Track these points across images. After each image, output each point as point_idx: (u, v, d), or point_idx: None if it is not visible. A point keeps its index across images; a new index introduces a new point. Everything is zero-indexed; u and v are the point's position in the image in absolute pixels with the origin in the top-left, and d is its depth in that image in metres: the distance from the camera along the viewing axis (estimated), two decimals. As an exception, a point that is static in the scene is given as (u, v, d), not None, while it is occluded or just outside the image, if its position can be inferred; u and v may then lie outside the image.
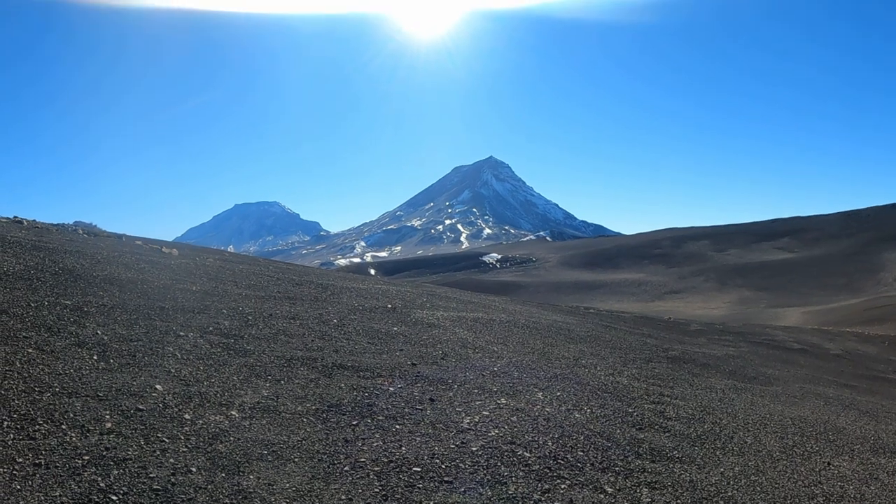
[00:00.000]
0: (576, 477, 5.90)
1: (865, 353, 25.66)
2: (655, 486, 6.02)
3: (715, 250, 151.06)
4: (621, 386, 9.98)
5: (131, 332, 8.32)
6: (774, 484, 6.68)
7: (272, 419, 6.28)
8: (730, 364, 15.14)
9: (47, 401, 5.76)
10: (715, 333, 24.57)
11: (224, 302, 11.31)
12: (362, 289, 16.62)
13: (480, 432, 6.71)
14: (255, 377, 7.47)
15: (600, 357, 12.41)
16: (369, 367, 8.60)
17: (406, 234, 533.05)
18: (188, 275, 13.63)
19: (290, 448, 5.67)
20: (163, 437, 5.47)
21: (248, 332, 9.42)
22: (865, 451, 8.75)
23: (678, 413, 8.84)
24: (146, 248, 17.17)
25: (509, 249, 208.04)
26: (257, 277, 15.24)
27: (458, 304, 16.98)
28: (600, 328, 17.96)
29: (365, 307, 13.33)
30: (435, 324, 12.73)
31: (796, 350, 22.81)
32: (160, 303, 10.22)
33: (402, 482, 5.32)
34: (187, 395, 6.49)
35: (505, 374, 9.40)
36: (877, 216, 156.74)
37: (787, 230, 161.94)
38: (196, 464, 5.11)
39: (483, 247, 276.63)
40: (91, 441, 5.19)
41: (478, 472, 5.68)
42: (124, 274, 11.98)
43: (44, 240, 14.23)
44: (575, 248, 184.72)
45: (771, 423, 9.35)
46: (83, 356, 7.09)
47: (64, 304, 8.94)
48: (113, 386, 6.36)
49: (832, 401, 12.36)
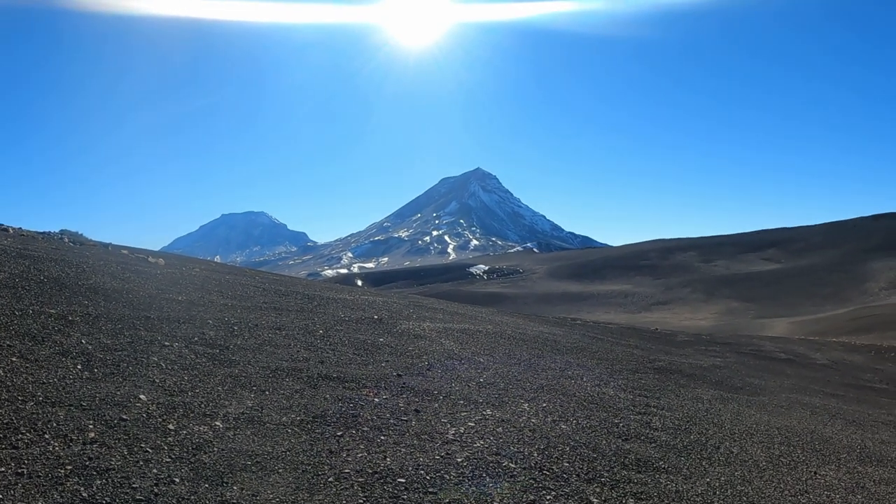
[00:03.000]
0: (561, 488, 5.89)
1: (852, 362, 25.74)
2: (641, 496, 6.01)
3: (702, 261, 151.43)
4: (607, 397, 9.99)
5: (116, 341, 8.29)
6: (761, 494, 6.68)
7: (256, 430, 6.25)
8: (716, 374, 15.17)
9: (30, 410, 5.72)
10: (702, 344, 24.64)
11: (210, 312, 11.28)
12: (349, 300, 16.60)
13: (466, 443, 6.69)
14: (240, 388, 7.44)
15: (586, 368, 12.42)
16: (355, 378, 8.58)
17: (393, 245, 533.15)
18: (174, 285, 13.58)
19: (274, 459, 5.64)
20: (146, 447, 5.44)
21: (234, 343, 9.39)
22: (852, 460, 8.78)
23: (664, 424, 8.84)
24: (132, 258, 17.11)
25: (496, 261, 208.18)
26: (243, 288, 15.20)
27: (444, 315, 16.97)
28: (587, 339, 17.98)
29: (351, 318, 13.31)
30: (421, 335, 12.72)
31: (783, 360, 22.87)
32: (145, 312, 10.18)
33: (387, 493, 5.30)
34: (171, 406, 6.46)
35: (491, 386, 9.39)
36: (862, 226, 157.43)
37: (774, 241, 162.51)
38: (180, 474, 5.07)
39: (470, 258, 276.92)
40: (74, 451, 5.16)
41: (463, 483, 5.66)
42: (110, 283, 11.94)
43: (29, 248, 14.17)
44: (562, 259, 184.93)
45: (757, 433, 9.37)
46: (67, 365, 7.05)
47: (48, 313, 8.90)
48: (97, 395, 6.33)
49: (819, 410, 12.39)
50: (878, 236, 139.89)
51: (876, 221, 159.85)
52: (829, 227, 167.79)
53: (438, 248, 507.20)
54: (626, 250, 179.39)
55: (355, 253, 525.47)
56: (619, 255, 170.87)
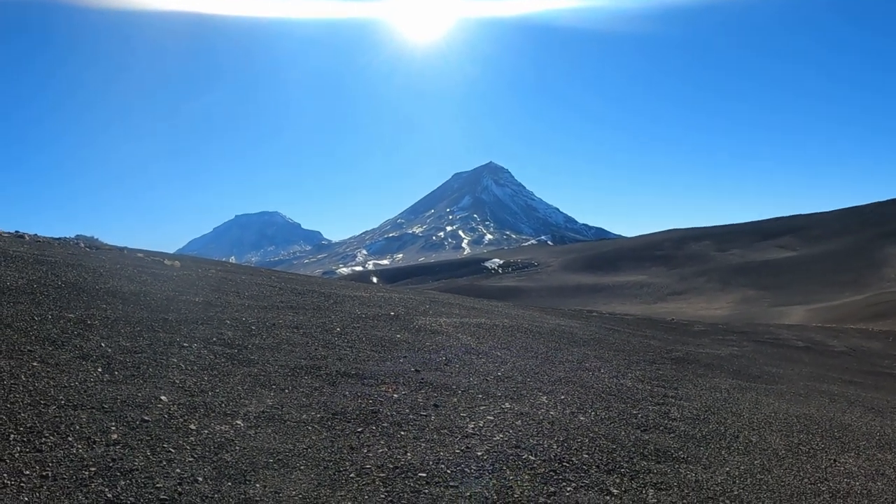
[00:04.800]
0: (581, 479, 5.91)
1: (870, 349, 25.61)
2: (661, 486, 6.02)
3: (717, 250, 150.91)
4: (625, 388, 9.99)
5: (135, 343, 8.35)
6: (780, 482, 6.68)
7: (277, 428, 6.29)
8: (734, 364, 15.13)
9: (53, 413, 5.78)
10: (718, 333, 24.57)
11: (227, 312, 11.33)
12: (365, 297, 16.63)
13: (485, 437, 6.72)
14: (260, 386, 7.49)
15: (604, 360, 12.42)
16: (373, 375, 8.62)
17: (407, 242, 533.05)
18: (190, 286, 13.65)
19: (295, 456, 5.68)
20: (169, 447, 5.48)
21: (252, 342, 9.44)
22: (871, 447, 8.74)
23: (683, 414, 8.84)
24: (148, 261, 17.21)
25: (511, 254, 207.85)
26: (259, 288, 15.26)
27: (460, 310, 16.98)
28: (603, 331, 17.97)
29: (368, 315, 13.34)
30: (438, 330, 12.74)
31: (801, 348, 22.78)
32: (163, 314, 10.24)
33: (408, 488, 5.33)
34: (192, 406, 6.51)
35: (509, 379, 9.41)
36: (879, 211, 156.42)
37: (789, 228, 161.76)
38: (202, 473, 5.12)
39: (485, 252, 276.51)
40: (97, 452, 5.21)
41: (483, 477, 5.69)
42: (127, 286, 12.01)
43: (46, 254, 14.27)
44: (576, 251, 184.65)
45: (776, 421, 9.35)
46: (88, 369, 7.11)
47: (67, 318, 8.97)
48: (118, 397, 6.38)
49: (837, 398, 12.35)
50: (895, 221, 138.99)
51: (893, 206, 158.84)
52: (844, 213, 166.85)
53: (453, 243, 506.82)
54: (640, 241, 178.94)
55: (370, 250, 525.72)
56: (634, 246, 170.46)
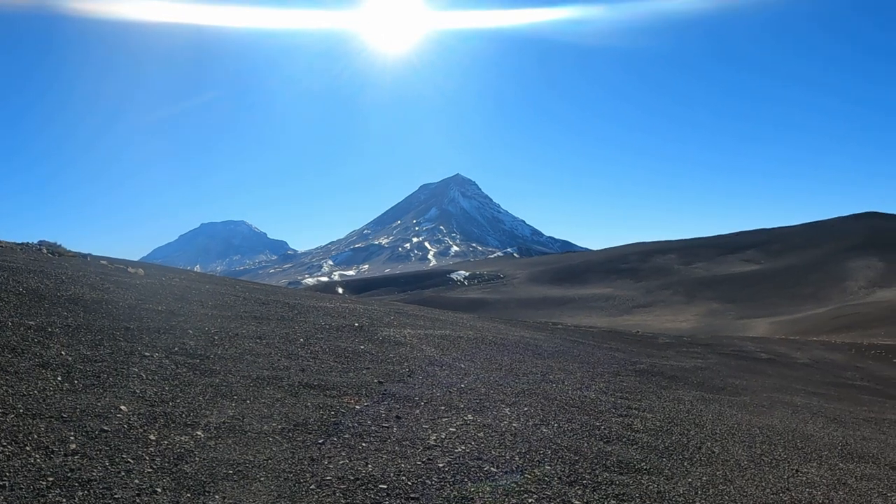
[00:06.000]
0: (543, 491, 5.91)
1: (833, 360, 25.97)
2: (623, 498, 6.04)
3: (682, 264, 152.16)
4: (589, 400, 10.03)
5: (96, 352, 8.25)
6: (742, 492, 6.73)
7: (238, 439, 6.25)
8: (698, 376, 15.26)
9: (11, 422, 5.69)
10: (683, 346, 24.77)
11: (190, 322, 11.24)
12: (329, 307, 16.58)
13: (447, 448, 6.71)
14: (221, 397, 7.43)
15: (568, 372, 12.46)
16: (336, 386, 8.58)
17: (374, 253, 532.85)
18: (154, 295, 13.53)
19: (255, 467, 5.64)
20: (128, 457, 5.42)
21: (214, 352, 9.37)
22: (833, 457, 8.86)
23: (646, 425, 8.89)
24: (111, 268, 17.03)
25: (477, 266, 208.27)
26: (224, 297, 15.16)
27: (425, 322, 16.98)
28: (568, 343, 18.04)
29: (332, 326, 13.30)
30: (402, 342, 12.73)
31: (764, 360, 23.03)
32: (125, 323, 10.14)
33: (369, 499, 5.31)
34: (152, 416, 6.44)
35: (472, 391, 9.41)
36: (840, 226, 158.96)
37: (753, 242, 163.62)
38: (161, 484, 5.06)
39: (450, 264, 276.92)
40: (55, 462, 5.14)
41: (444, 488, 5.67)
42: (89, 294, 11.88)
43: (7, 259, 14.08)
44: (543, 264, 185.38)
45: (739, 432, 9.43)
46: (47, 377, 7.02)
47: (28, 325, 8.85)
48: (77, 407, 6.30)
49: (800, 409, 12.49)
50: (857, 236, 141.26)
51: (855, 221, 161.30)
52: (807, 227, 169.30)
53: (419, 254, 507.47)
54: (606, 254, 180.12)
55: (336, 261, 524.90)
56: (600, 259, 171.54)
